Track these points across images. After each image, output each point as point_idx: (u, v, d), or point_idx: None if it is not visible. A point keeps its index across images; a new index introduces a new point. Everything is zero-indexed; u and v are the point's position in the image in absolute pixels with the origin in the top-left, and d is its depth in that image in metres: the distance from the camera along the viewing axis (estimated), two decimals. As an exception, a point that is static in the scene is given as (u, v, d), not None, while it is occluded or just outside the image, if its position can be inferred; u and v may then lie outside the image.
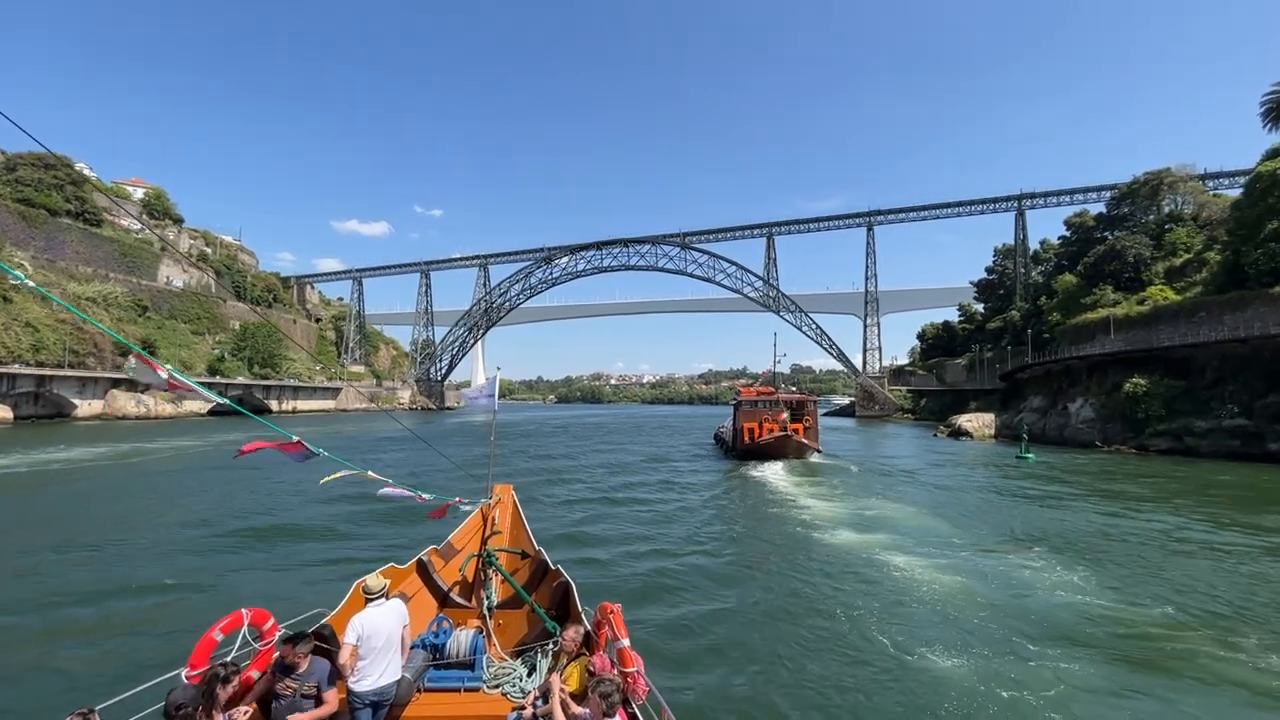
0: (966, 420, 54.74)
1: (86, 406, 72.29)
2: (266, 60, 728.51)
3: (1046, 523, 18.12)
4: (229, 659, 4.76)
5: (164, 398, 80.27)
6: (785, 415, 36.39)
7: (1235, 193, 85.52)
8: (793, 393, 45.50)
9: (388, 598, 5.52)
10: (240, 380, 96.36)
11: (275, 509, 19.96)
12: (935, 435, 56.73)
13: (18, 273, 3.87)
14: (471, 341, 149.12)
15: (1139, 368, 42.67)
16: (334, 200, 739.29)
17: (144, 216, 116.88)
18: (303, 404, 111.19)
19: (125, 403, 74.72)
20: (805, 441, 35.26)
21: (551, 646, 6.26)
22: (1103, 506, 20.76)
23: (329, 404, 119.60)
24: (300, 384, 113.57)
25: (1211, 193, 79.56)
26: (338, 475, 6.09)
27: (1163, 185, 75.81)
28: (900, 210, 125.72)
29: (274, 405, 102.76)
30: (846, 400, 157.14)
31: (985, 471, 31.37)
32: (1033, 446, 37.37)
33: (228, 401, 5.59)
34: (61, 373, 70.28)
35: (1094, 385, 46.44)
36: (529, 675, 6.15)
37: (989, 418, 55.72)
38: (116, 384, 75.95)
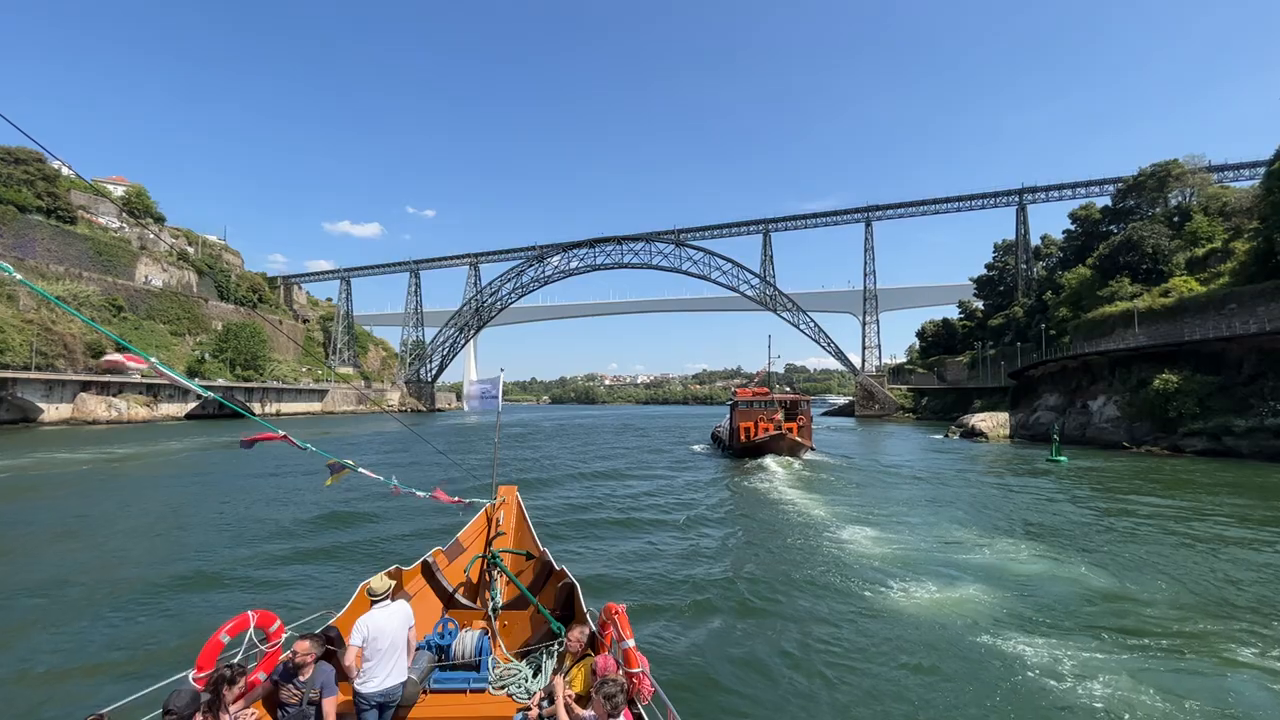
0: (980, 420, 52.15)
1: (54, 411, 68.63)
2: (258, 60, 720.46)
3: (1174, 557, 13.99)
4: (236, 660, 4.76)
5: (137, 401, 76.73)
6: (780, 414, 37.83)
7: (1241, 184, 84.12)
8: (787, 393, 46.94)
9: (393, 599, 5.52)
10: (220, 383, 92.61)
11: (270, 513, 19.15)
12: (946, 436, 54.13)
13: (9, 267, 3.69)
14: (462, 342, 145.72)
15: (1166, 363, 40.21)
16: (325, 202, 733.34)
17: (122, 214, 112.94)
18: (287, 407, 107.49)
19: (95, 406, 71.08)
20: (799, 440, 36.37)
21: (557, 647, 6.27)
22: (1220, 525, 17.15)
23: (315, 406, 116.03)
24: (284, 386, 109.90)
25: (1219, 184, 77.54)
26: (340, 475, 6.02)
27: (1170, 177, 73.85)
28: (900, 205, 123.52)
29: (257, 408, 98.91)
30: (843, 400, 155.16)
31: (1025, 478, 28.07)
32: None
33: (223, 400, 6.28)
34: (26, 375, 66.59)
35: (1117, 382, 43.94)
36: (534, 676, 6.17)
37: (1003, 417, 53.17)
38: (86, 387, 72.31)
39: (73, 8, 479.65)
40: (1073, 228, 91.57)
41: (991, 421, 51.78)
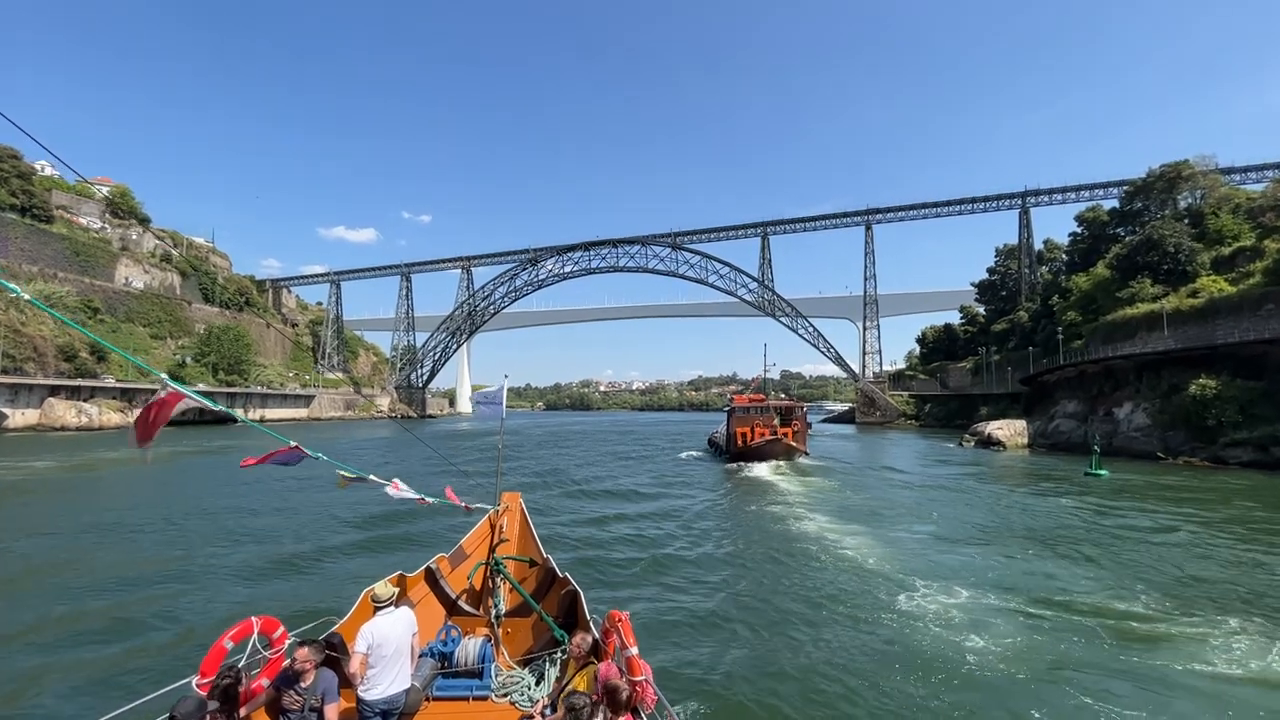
0: (996, 428, 49.52)
1: (20, 416, 65.14)
2: (250, 61, 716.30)
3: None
4: (239, 667, 4.75)
5: (110, 407, 73.24)
6: (776, 420, 38.81)
7: (1250, 186, 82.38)
8: (782, 399, 48.09)
9: (396, 606, 5.50)
10: (201, 387, 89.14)
11: (271, 517, 19.03)
12: (960, 444, 51.47)
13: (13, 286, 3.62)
14: (454, 346, 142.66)
15: (1199, 367, 37.78)
16: (320, 206, 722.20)
17: (105, 214, 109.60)
18: (272, 413, 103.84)
19: (64, 412, 67.59)
20: (794, 444, 37.42)
21: (560, 655, 6.31)
22: None
23: (301, 412, 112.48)
24: (269, 391, 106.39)
25: (1230, 185, 75.65)
26: (348, 479, 5.86)
27: (1180, 178, 72.04)
28: (900, 208, 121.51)
29: (240, 414, 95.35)
30: (841, 406, 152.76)
31: (1076, 496, 24.66)
32: (1080, 458, 32.43)
33: (230, 412, 6.10)
34: (-10, 379, 63.17)
35: (1145, 388, 41.45)
36: (537, 684, 6.13)
37: (1020, 425, 50.57)
38: (55, 391, 68.87)
39: (64, 7, 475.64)
40: (1079, 230, 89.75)
41: (1009, 430, 49.18)
